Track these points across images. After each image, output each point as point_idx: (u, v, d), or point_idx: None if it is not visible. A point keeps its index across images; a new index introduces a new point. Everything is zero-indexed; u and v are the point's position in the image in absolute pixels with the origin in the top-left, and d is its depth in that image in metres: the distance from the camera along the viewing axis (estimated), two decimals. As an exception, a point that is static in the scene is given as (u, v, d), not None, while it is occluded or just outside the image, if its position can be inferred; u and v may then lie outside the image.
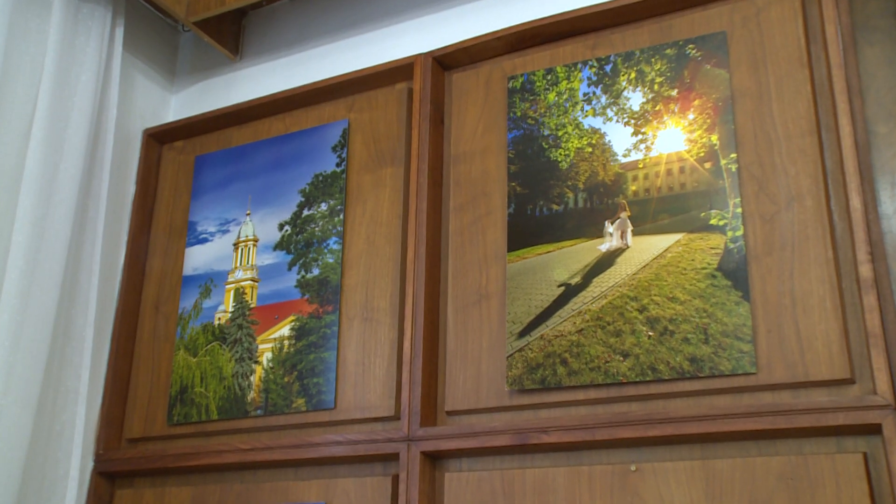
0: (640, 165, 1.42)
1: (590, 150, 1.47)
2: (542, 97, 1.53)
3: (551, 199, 1.47)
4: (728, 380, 1.25)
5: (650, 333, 1.31)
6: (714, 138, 1.36)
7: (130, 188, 1.87)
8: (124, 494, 1.67)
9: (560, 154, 1.49)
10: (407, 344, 1.46)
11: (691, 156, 1.38)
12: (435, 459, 1.42)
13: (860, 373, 1.19)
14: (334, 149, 1.71)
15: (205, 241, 1.80)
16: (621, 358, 1.31)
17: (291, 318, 1.63)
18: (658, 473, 1.26)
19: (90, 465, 1.67)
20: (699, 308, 1.29)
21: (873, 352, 1.15)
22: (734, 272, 1.29)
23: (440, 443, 1.39)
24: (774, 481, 1.18)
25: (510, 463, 1.38)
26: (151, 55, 2.01)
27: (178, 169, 1.91)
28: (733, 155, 1.34)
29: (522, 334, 1.40)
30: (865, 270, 1.19)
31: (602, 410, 1.33)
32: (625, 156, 1.43)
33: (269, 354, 1.62)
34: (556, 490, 1.31)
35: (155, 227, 1.88)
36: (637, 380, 1.29)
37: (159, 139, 1.94)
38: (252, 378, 1.62)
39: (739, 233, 1.30)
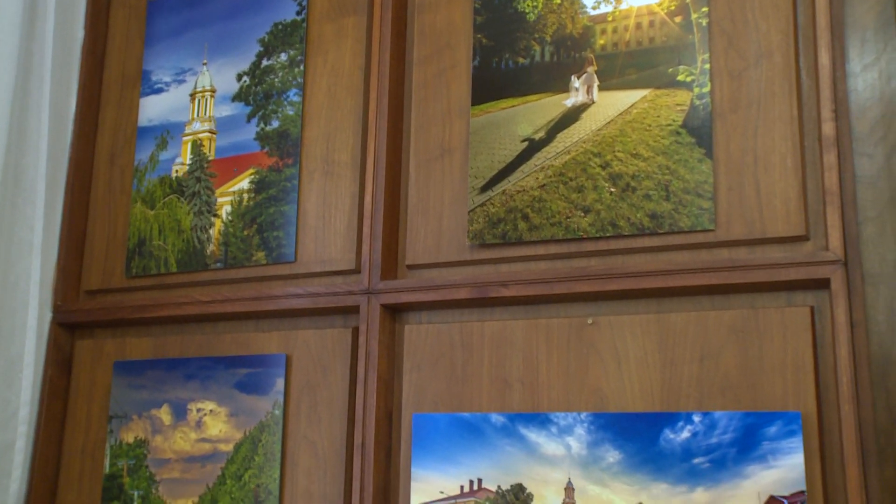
0: (609, 18, 1.38)
1: (558, 1, 1.42)
2: (512, -56, 1.47)
3: (517, 52, 1.43)
4: (686, 236, 1.26)
5: (612, 189, 1.31)
6: (686, -9, 1.33)
7: (79, 33, 1.78)
8: (84, 345, 1.68)
9: (528, 5, 1.44)
10: (368, 198, 1.45)
11: (662, 9, 1.34)
12: (395, 312, 1.44)
13: (815, 230, 1.21)
14: (294, -4, 1.64)
15: (160, 91, 1.74)
16: (582, 213, 1.32)
17: (251, 171, 1.60)
18: (614, 326, 1.29)
19: (48, 315, 1.66)
20: (662, 165, 1.29)
21: (829, 209, 1.17)
22: (698, 129, 1.28)
23: (400, 296, 1.40)
24: (725, 333, 1.22)
25: (469, 316, 1.40)
26: None
27: (130, 14, 1.82)
28: (705, 9, 1.31)
29: (484, 189, 1.39)
30: (828, 128, 1.19)
31: (561, 265, 1.34)
32: (594, 8, 1.39)
33: (228, 208, 1.60)
34: (513, 342, 1.34)
35: (107, 76, 1.80)
36: (597, 235, 1.30)
37: (108, -19, 1.84)
38: (211, 231, 1.61)
39: (706, 89, 1.29)
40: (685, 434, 1.20)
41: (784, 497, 1.13)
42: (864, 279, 1.13)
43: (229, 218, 1.59)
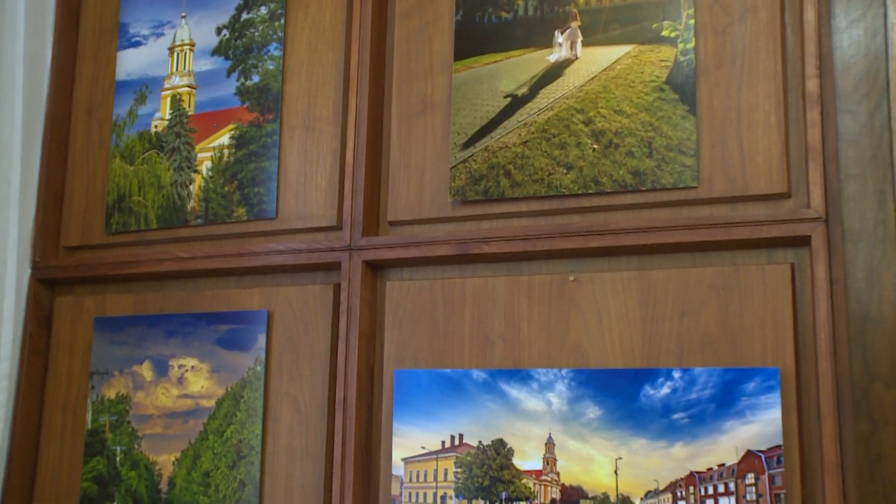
0: (595, -28, 1.36)
1: (543, -46, 1.40)
2: None
3: (500, 7, 1.41)
4: (669, 193, 1.26)
5: (595, 146, 1.30)
6: (672, -56, 1.31)
7: (53, -17, 1.74)
8: (65, 301, 1.67)
9: (512, -42, 1.42)
10: (350, 154, 1.44)
11: (648, -37, 1.32)
12: (377, 268, 1.44)
13: (797, 187, 1.21)
14: (274, -53, 1.60)
15: (138, 44, 1.71)
16: (565, 170, 1.31)
17: (231, 126, 1.58)
18: (595, 283, 1.29)
19: (27, 272, 1.64)
20: (645, 121, 1.28)
21: (811, 166, 1.16)
22: (682, 86, 1.27)
23: (382, 252, 1.39)
24: (706, 290, 1.22)
25: (451, 272, 1.40)
26: None
27: (106, -35, 1.78)
28: (691, -37, 1.29)
29: (467, 145, 1.38)
30: (812, 85, 1.18)
31: (543, 222, 1.34)
32: (579, -39, 1.37)
33: (208, 163, 1.58)
34: (495, 299, 1.34)
35: (83, 28, 1.77)
36: (579, 192, 1.30)
37: (83, -69, 1.79)
38: (191, 187, 1.59)
39: (691, 45, 1.28)
40: (665, 390, 1.21)
41: (761, 451, 1.14)
42: (845, 237, 1.14)
43: (210, 174, 1.58)
